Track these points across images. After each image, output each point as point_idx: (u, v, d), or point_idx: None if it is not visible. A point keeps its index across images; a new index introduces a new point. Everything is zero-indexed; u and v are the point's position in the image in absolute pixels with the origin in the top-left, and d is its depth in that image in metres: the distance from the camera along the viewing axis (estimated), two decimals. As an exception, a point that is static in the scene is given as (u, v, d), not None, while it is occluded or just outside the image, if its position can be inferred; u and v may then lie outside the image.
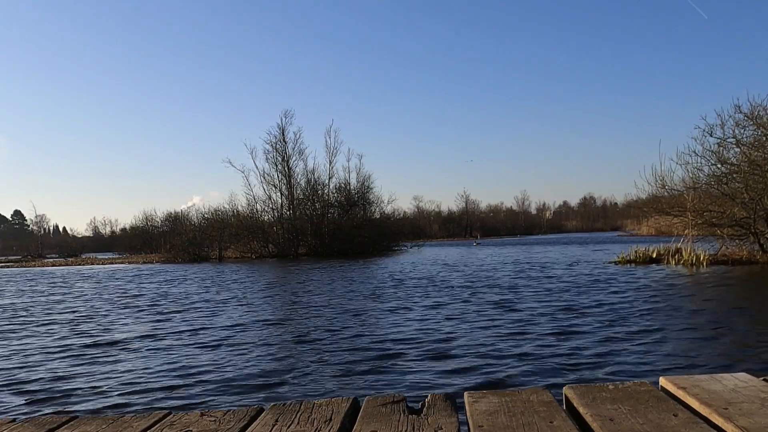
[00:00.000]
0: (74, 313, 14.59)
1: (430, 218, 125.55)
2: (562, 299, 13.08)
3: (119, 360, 8.41)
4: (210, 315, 12.94)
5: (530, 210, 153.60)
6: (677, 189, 23.62)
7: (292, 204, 56.07)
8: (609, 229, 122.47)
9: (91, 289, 22.67)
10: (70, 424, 1.94)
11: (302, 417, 1.84)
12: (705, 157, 22.59)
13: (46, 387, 6.88)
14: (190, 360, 8.15)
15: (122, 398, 6.25)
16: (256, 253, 52.59)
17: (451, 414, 1.78)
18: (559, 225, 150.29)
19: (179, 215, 71.58)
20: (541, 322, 10.13)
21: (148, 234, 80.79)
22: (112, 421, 1.94)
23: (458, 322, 10.44)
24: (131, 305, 15.79)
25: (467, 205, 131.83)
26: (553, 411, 1.74)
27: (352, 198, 56.65)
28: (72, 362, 8.37)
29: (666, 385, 1.96)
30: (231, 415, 1.92)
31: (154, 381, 6.98)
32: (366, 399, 1.98)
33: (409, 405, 1.88)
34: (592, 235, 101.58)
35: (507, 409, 1.77)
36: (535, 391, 1.94)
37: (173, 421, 1.91)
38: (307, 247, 52.88)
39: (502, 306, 12.42)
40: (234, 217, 55.26)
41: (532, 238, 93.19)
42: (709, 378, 1.97)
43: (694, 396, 1.79)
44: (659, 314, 10.64)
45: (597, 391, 1.91)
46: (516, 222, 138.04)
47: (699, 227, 23.31)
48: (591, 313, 11.02)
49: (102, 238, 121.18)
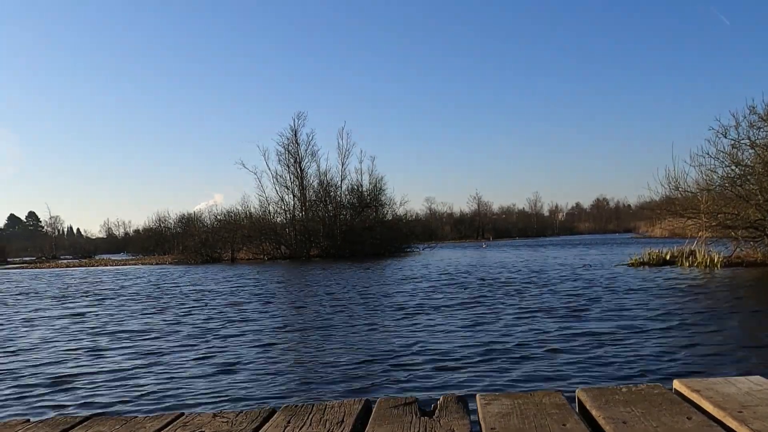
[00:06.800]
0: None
1: (442, 220, 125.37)
2: (573, 301, 13.03)
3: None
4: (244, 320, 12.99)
5: (543, 212, 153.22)
6: (691, 191, 23.50)
7: (304, 205, 56.11)
8: (622, 231, 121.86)
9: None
10: (83, 425, 1.95)
11: (314, 418, 1.84)
12: (719, 158, 22.47)
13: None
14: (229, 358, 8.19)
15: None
16: (269, 254, 52.64)
17: (464, 416, 1.78)
18: (571, 227, 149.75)
19: (192, 217, 71.83)
20: (551, 324, 10.10)
21: (161, 235, 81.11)
22: (125, 422, 1.95)
23: (466, 324, 10.43)
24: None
25: (479, 206, 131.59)
26: (566, 414, 1.73)
27: (365, 199, 56.56)
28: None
29: (679, 388, 1.94)
30: (243, 417, 1.92)
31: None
32: (378, 401, 1.98)
33: (421, 407, 1.88)
34: (604, 236, 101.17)
35: (519, 412, 1.76)
36: (548, 394, 1.93)
37: (186, 421, 1.91)
38: (319, 248, 52.88)
39: (512, 306, 12.39)
40: (246, 218, 55.34)
41: (544, 240, 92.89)
42: (723, 381, 1.95)
43: (708, 399, 1.77)
44: (672, 317, 10.58)
45: (610, 393, 1.90)
46: (528, 224, 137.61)
47: (713, 229, 23.17)
48: (602, 315, 10.98)
49: (115, 240, 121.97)
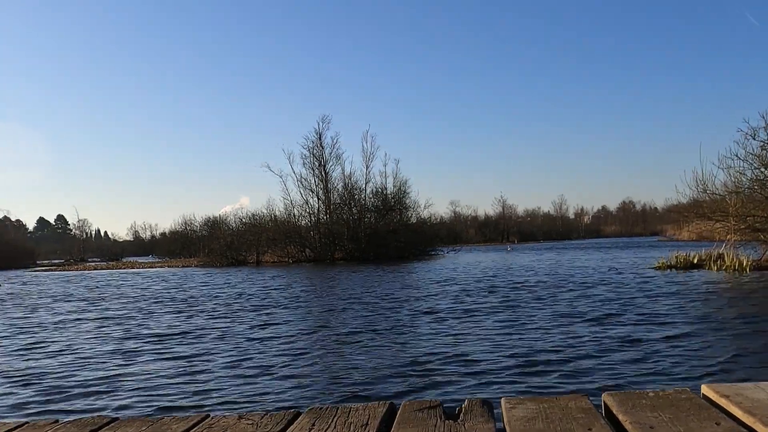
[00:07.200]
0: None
1: (466, 223, 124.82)
2: (604, 305, 12.91)
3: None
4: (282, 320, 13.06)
5: (568, 215, 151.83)
6: (719, 193, 23.24)
7: (328, 209, 56.21)
8: (648, 234, 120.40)
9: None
10: (110, 426, 1.97)
11: (339, 421, 1.85)
12: (748, 160, 22.22)
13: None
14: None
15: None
16: (293, 257, 52.81)
17: (488, 420, 1.77)
18: (597, 230, 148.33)
19: (217, 220, 72.32)
20: (584, 328, 10.03)
21: (187, 238, 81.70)
22: (151, 423, 1.97)
23: (498, 328, 10.39)
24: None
25: (504, 209, 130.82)
26: (592, 418, 1.71)
27: (389, 202, 56.53)
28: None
29: (708, 392, 1.92)
30: (269, 419, 1.93)
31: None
32: (402, 404, 1.98)
33: (446, 410, 1.88)
34: (631, 239, 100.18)
35: (545, 416, 1.75)
36: (574, 398, 1.91)
37: (212, 423, 1.93)
38: (343, 251, 52.95)
39: (543, 310, 12.33)
40: (271, 221, 55.62)
41: (570, 243, 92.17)
42: (753, 386, 1.92)
43: (738, 405, 1.74)
44: (700, 321, 10.46)
45: (637, 398, 1.87)
46: (553, 227, 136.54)
47: (742, 232, 22.86)
48: (630, 319, 10.87)
49: (142, 242, 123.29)
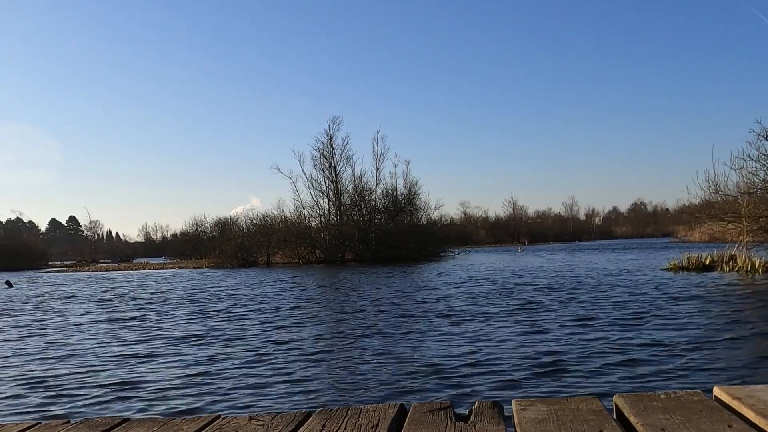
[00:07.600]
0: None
1: (477, 224, 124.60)
2: (619, 308, 12.83)
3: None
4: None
5: (579, 216, 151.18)
6: (731, 194, 23.11)
7: (339, 210, 56.23)
8: (660, 235, 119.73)
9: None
10: (122, 426, 1.98)
11: (349, 422, 1.85)
12: (760, 161, 22.08)
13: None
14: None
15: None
16: (304, 258, 52.86)
17: (499, 421, 1.76)
18: (608, 231, 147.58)
19: (228, 221, 72.54)
20: (590, 329, 9.99)
21: (198, 239, 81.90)
22: (162, 424, 1.98)
23: (515, 331, 10.38)
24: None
25: (515, 210, 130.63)
26: (603, 420, 1.71)
27: (399, 204, 56.50)
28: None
29: (720, 394, 1.91)
30: (279, 420, 1.94)
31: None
32: (413, 405, 1.98)
33: (456, 412, 1.88)
34: (642, 241, 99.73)
35: (556, 418, 1.75)
36: (585, 400, 1.91)
37: (222, 424, 1.94)
38: (353, 252, 53.01)
39: (558, 312, 12.30)
40: (282, 222, 55.75)
41: (581, 244, 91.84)
42: (765, 388, 1.90)
43: (750, 407, 1.73)
44: (712, 323, 10.40)
45: (648, 400, 1.87)
46: (564, 228, 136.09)
47: (754, 233, 22.71)
48: (642, 321, 10.82)
49: (153, 244, 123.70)
